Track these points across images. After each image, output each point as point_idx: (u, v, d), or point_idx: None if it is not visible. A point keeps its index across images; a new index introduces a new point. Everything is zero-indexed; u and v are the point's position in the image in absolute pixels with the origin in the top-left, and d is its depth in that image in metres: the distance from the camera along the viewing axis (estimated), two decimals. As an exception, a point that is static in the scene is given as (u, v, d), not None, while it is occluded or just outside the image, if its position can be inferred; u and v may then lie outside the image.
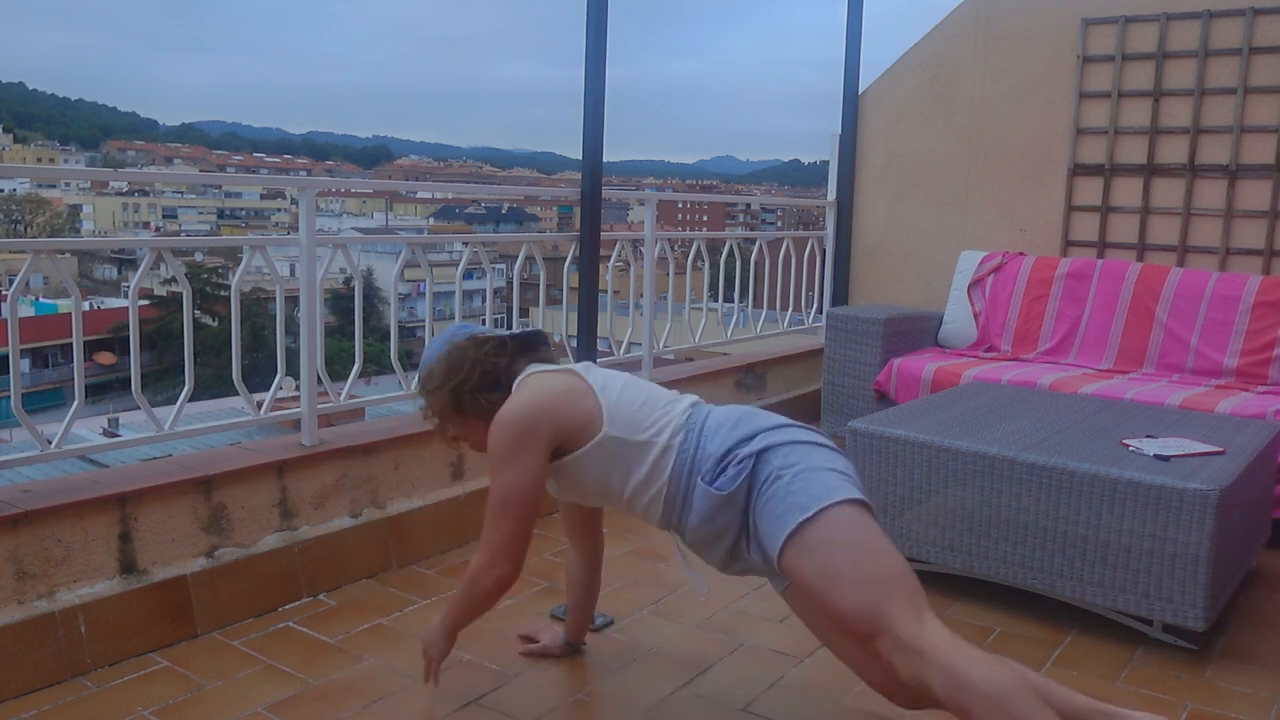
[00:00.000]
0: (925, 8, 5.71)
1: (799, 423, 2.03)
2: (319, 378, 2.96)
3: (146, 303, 26.88)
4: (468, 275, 3.62)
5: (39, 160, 63.03)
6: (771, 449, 1.90)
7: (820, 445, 1.95)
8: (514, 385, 2.08)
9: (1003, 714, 1.61)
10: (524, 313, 3.95)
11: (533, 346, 2.19)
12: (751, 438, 1.93)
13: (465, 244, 3.47)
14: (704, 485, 1.92)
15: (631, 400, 2.04)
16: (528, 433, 1.98)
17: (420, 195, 67.39)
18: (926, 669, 1.67)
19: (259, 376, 3.49)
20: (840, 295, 5.28)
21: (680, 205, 56.08)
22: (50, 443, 2.43)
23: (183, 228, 57.57)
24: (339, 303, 19.27)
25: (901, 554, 1.83)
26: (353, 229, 33.98)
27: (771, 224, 56.10)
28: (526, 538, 2.05)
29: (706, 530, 1.95)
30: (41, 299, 28.95)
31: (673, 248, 4.56)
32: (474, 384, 2.09)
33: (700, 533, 1.97)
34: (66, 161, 65.47)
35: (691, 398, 2.11)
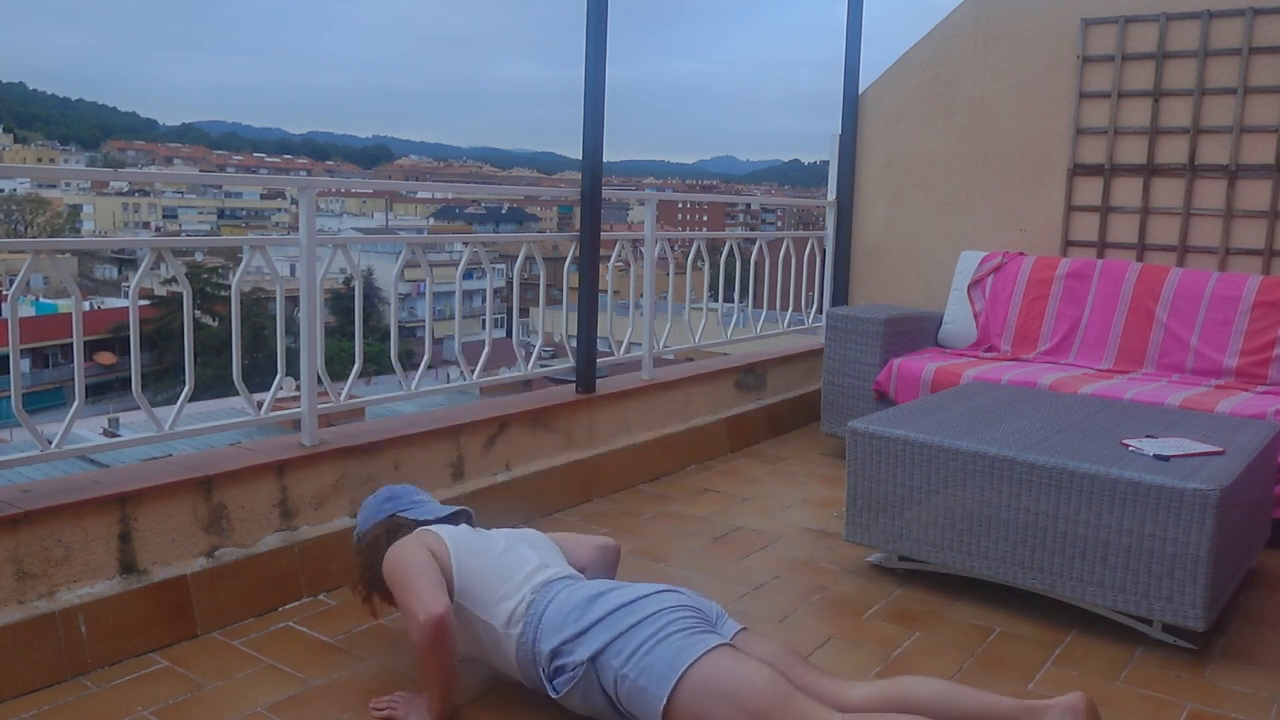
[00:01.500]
0: (925, 8, 5.72)
1: (633, 583, 2.14)
2: (319, 378, 2.96)
3: (146, 303, 26.88)
4: (468, 275, 3.62)
5: (39, 160, 63.02)
6: (605, 651, 1.99)
7: (654, 606, 2.01)
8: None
9: None
10: (524, 312, 3.96)
11: (449, 524, 2.39)
12: (584, 633, 2.03)
13: (465, 244, 3.47)
14: (545, 683, 2.07)
15: (484, 577, 2.18)
16: (410, 551, 2.20)
17: (420, 195, 67.38)
18: None
19: (259, 376, 3.49)
20: (840, 295, 5.28)
21: (680, 205, 56.06)
22: (50, 443, 2.43)
23: (183, 228, 57.58)
24: (339, 303, 19.27)
25: (760, 669, 1.88)
26: (353, 229, 33.98)
27: (771, 224, 56.09)
28: (429, 578, 2.13)
29: (576, 707, 2.07)
30: (41, 299, 28.93)
31: (673, 248, 4.56)
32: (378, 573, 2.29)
33: (574, 706, 2.08)
34: (66, 161, 65.47)
35: (546, 572, 2.19)
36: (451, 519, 2.42)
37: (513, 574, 2.18)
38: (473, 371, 3.47)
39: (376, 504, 2.44)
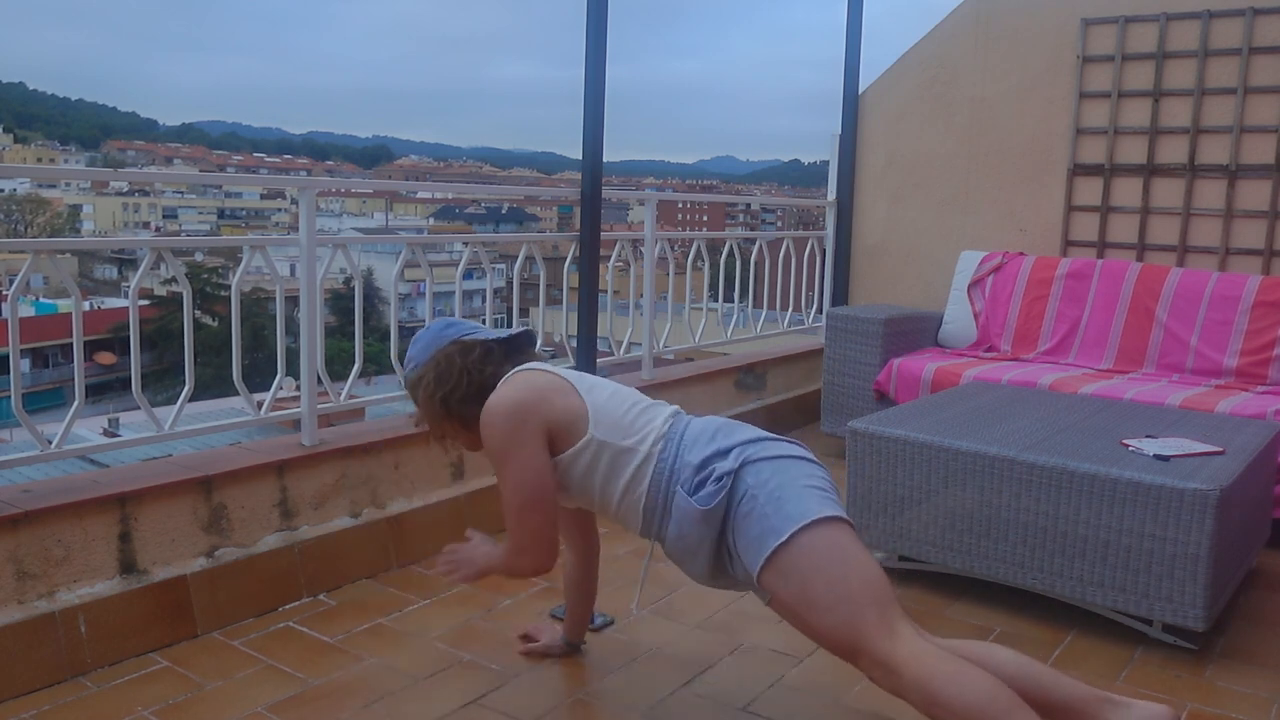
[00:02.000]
0: (925, 8, 5.72)
1: (778, 435, 2.01)
2: (319, 378, 2.96)
3: (146, 303, 26.88)
4: (468, 275, 3.62)
5: (39, 160, 63.03)
6: (747, 465, 1.88)
7: (797, 459, 1.93)
8: (500, 384, 2.07)
9: None
10: (524, 313, 3.95)
11: (519, 349, 2.18)
12: (728, 451, 1.91)
13: (465, 244, 3.47)
14: (683, 494, 1.91)
15: (617, 405, 2.04)
16: (519, 424, 1.97)
17: (420, 195, 67.39)
18: (902, 686, 1.69)
19: (259, 376, 3.49)
20: (840, 295, 5.28)
21: (680, 205, 56.07)
22: (50, 443, 2.44)
23: (183, 228, 57.59)
24: (339, 303, 19.27)
25: (876, 565, 1.82)
26: (353, 229, 33.99)
27: (771, 224, 56.10)
28: (554, 525, 2.02)
29: (684, 543, 1.93)
30: (41, 299, 28.93)
31: (673, 248, 4.56)
32: (462, 394, 2.08)
33: (678, 544, 1.95)
34: (66, 161, 65.46)
35: (672, 407, 2.10)
36: (514, 341, 2.19)
37: (644, 402, 2.07)
38: (473, 371, 3.47)
39: (433, 335, 2.17)
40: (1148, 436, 2.84)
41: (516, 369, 2.10)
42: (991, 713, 1.62)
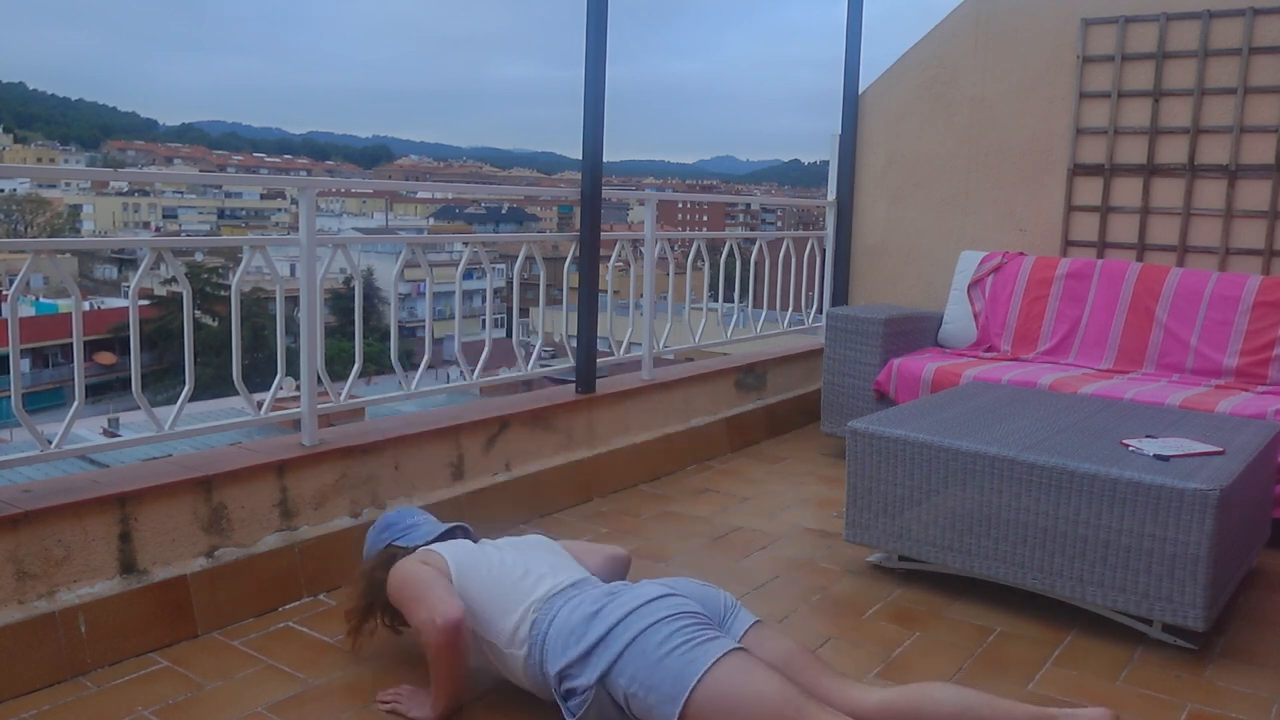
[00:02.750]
0: (925, 8, 5.72)
1: (626, 587, 2.09)
2: (319, 378, 2.96)
3: (146, 303, 26.87)
4: (468, 275, 3.61)
5: (39, 160, 63.01)
6: (611, 671, 1.94)
7: (656, 624, 1.94)
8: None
9: None
10: (524, 312, 3.96)
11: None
12: (589, 654, 1.97)
13: (465, 244, 3.47)
14: (561, 704, 2.02)
15: (485, 595, 2.15)
16: (414, 569, 2.20)
17: (420, 195, 67.38)
18: None
19: (259, 376, 3.49)
20: (840, 295, 5.28)
21: (680, 205, 56.05)
22: (50, 443, 2.43)
23: (183, 228, 57.57)
24: (339, 303, 19.26)
25: (766, 679, 1.83)
26: (353, 229, 33.98)
27: (771, 224, 56.09)
28: (440, 586, 2.14)
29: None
30: (41, 299, 28.93)
31: (673, 248, 4.56)
32: (385, 601, 2.30)
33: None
34: (66, 161, 65.47)
35: (547, 587, 2.14)
36: (448, 535, 2.42)
37: (513, 590, 2.14)
38: (473, 371, 3.47)
39: (374, 536, 2.45)
40: (1148, 436, 2.84)
41: (425, 549, 2.30)
42: None
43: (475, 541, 2.39)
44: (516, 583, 2.16)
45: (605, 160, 3.81)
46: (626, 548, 3.19)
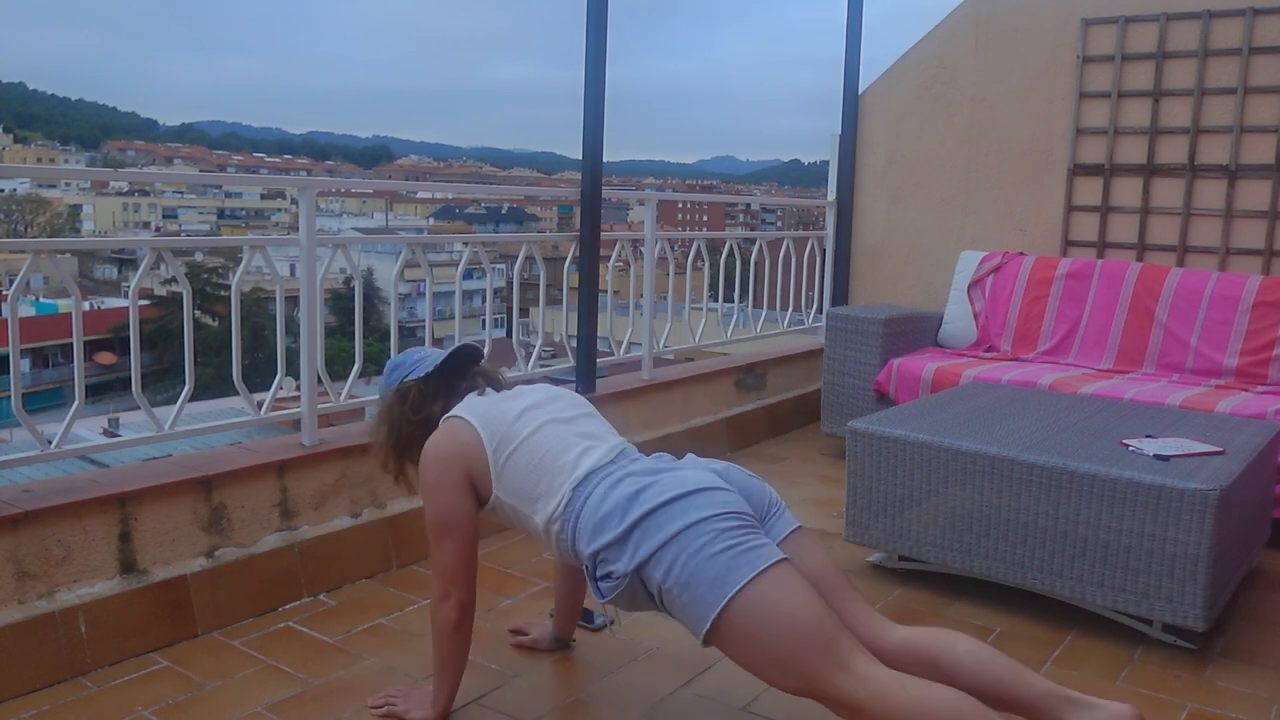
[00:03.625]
0: (925, 8, 5.72)
1: (676, 469, 2.00)
2: (319, 378, 2.96)
3: (146, 303, 26.87)
4: (468, 275, 3.62)
5: (39, 160, 63.00)
6: (648, 563, 1.82)
7: (698, 522, 1.82)
8: (439, 426, 2.14)
9: None
10: (524, 313, 3.96)
11: (458, 371, 2.26)
12: (625, 541, 1.85)
13: (465, 244, 3.47)
14: (591, 583, 1.95)
15: (524, 466, 2.04)
16: (443, 474, 2.07)
17: (420, 195, 67.37)
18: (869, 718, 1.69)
19: (259, 376, 3.49)
20: (840, 295, 5.28)
21: (680, 205, 56.05)
22: (50, 443, 2.44)
23: (183, 228, 57.56)
24: (339, 303, 19.25)
25: (811, 602, 1.76)
26: (353, 229, 33.98)
27: (771, 224, 56.07)
28: (471, 557, 2.08)
29: (628, 607, 1.94)
30: (41, 299, 28.92)
31: (673, 248, 4.56)
32: (405, 440, 2.21)
33: (623, 607, 1.97)
34: (66, 161, 65.44)
35: (588, 464, 2.01)
36: (455, 358, 2.26)
37: (553, 464, 2.02)
38: (473, 371, 3.47)
39: (385, 382, 2.29)
40: (1148, 436, 2.84)
41: (450, 414, 2.14)
42: None
43: (500, 389, 2.26)
44: (558, 455, 2.03)
45: (605, 160, 3.81)
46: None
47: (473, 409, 2.12)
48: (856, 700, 1.69)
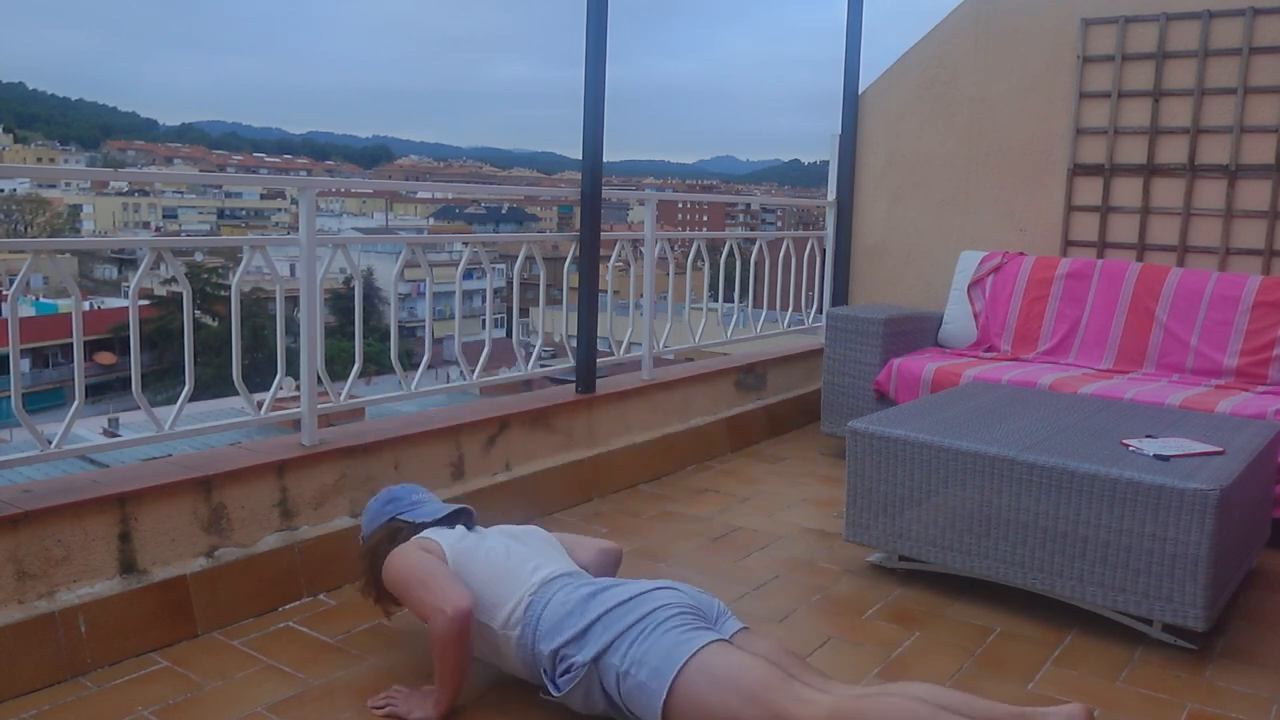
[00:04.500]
0: (925, 8, 5.72)
1: (623, 582, 2.14)
2: (319, 378, 2.96)
3: (146, 303, 26.87)
4: (468, 275, 3.61)
5: (39, 160, 63.00)
6: (606, 651, 2.01)
7: (648, 615, 2.01)
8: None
9: None
10: (524, 312, 3.96)
11: (448, 524, 2.40)
12: (584, 635, 2.04)
13: (465, 244, 3.47)
14: (547, 682, 2.09)
15: (478, 575, 2.19)
16: (407, 556, 2.24)
17: (420, 195, 67.36)
18: None
19: (259, 376, 3.49)
20: (840, 295, 5.28)
21: (680, 205, 56.06)
22: (50, 443, 2.43)
23: (183, 228, 57.54)
24: (339, 303, 19.25)
25: (753, 658, 1.93)
26: (353, 229, 33.98)
27: (771, 224, 56.06)
28: (447, 574, 2.18)
29: (583, 706, 2.08)
30: (41, 299, 28.93)
31: (673, 248, 4.56)
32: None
33: (578, 706, 2.09)
34: (66, 161, 65.45)
35: (544, 573, 2.19)
36: (451, 519, 2.42)
37: (510, 576, 2.19)
38: (473, 371, 3.47)
39: (378, 507, 2.46)
40: (1148, 436, 2.84)
41: (426, 533, 2.33)
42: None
43: (473, 529, 2.41)
44: (514, 568, 2.21)
45: (605, 160, 3.81)
46: (626, 548, 3.20)
47: (439, 533, 2.32)
48: None
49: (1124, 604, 2.55)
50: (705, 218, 58.66)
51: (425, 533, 2.33)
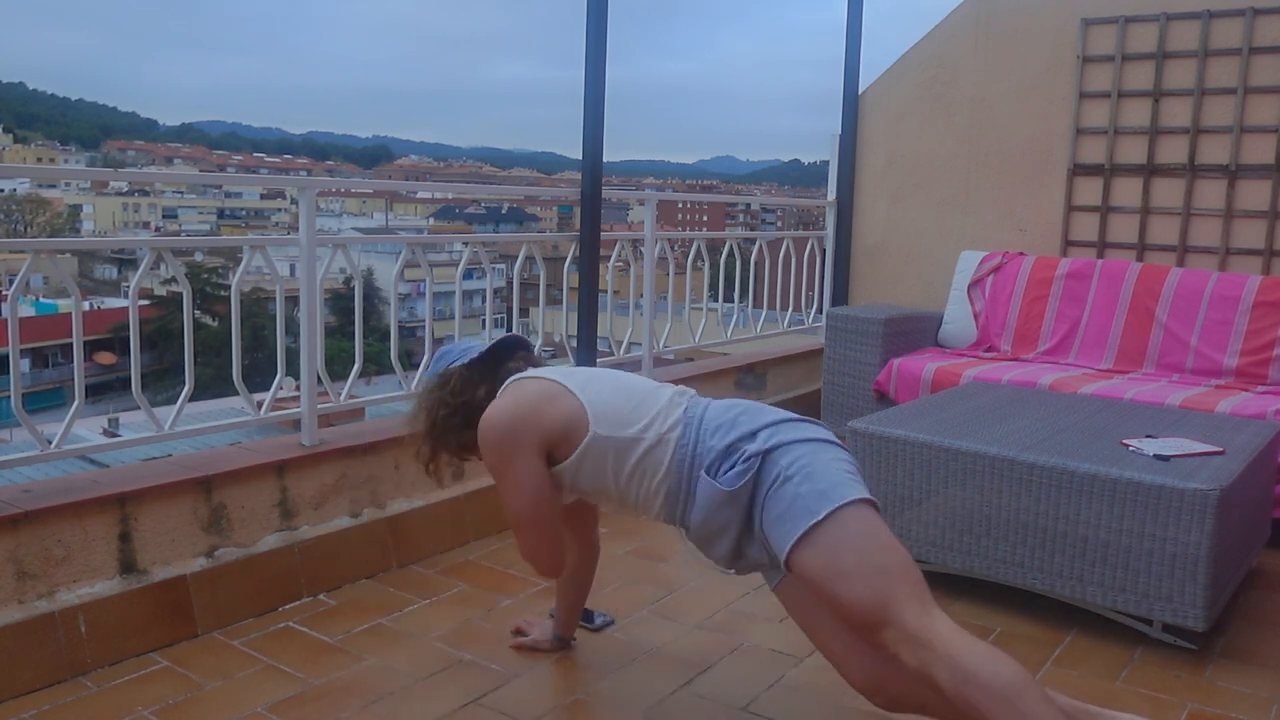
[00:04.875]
0: (925, 8, 5.72)
1: (801, 416, 2.01)
2: (319, 378, 2.96)
3: (146, 303, 26.86)
4: (468, 275, 3.61)
5: (39, 160, 62.96)
6: (778, 449, 1.87)
7: (825, 442, 1.92)
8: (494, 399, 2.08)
9: (1010, 709, 1.59)
10: (524, 313, 3.96)
11: (503, 357, 2.19)
12: (755, 433, 1.91)
13: (465, 244, 3.47)
14: (708, 479, 1.90)
15: (617, 397, 2.02)
16: (511, 440, 1.99)
17: (420, 195, 67.34)
18: (934, 661, 1.66)
19: (259, 376, 3.49)
20: (840, 295, 5.28)
21: (680, 205, 56.03)
22: (50, 443, 2.44)
23: (183, 228, 57.50)
24: (339, 303, 19.22)
25: (907, 552, 1.83)
26: (353, 229, 33.97)
27: (771, 224, 56.03)
28: (556, 539, 2.08)
29: (709, 527, 1.93)
30: (41, 299, 28.91)
31: (673, 248, 4.56)
32: (446, 426, 2.14)
33: (704, 529, 1.94)
34: (66, 161, 65.43)
35: (683, 390, 2.10)
36: (495, 354, 2.19)
37: (650, 389, 2.06)
38: (473, 371, 3.46)
39: (431, 369, 2.24)
40: (1148, 436, 2.84)
41: (509, 380, 2.10)
42: (1025, 698, 1.61)
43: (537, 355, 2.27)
44: (652, 391, 2.06)
45: (605, 160, 3.81)
46: (626, 547, 3.20)
47: (535, 373, 2.09)
48: (929, 634, 1.68)
49: (1124, 604, 2.55)
50: (705, 218, 58.63)
51: (517, 375, 2.09)
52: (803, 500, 1.80)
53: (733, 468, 1.88)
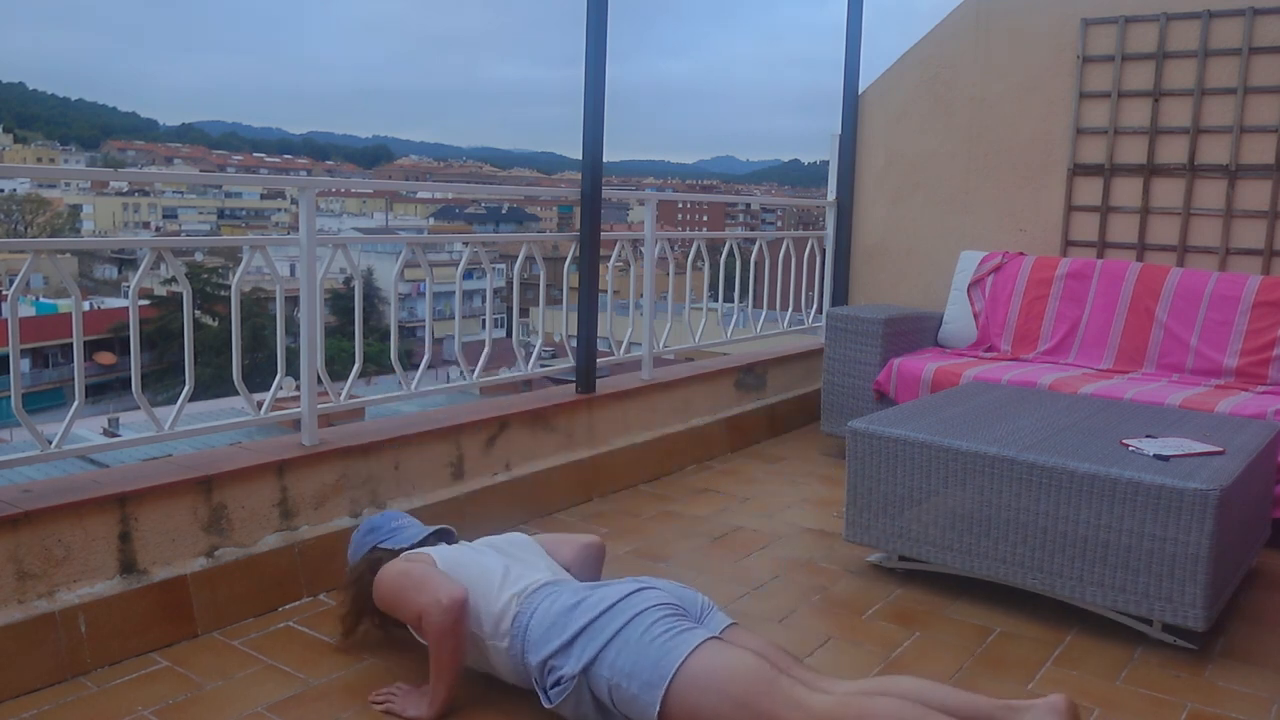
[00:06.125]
0: (925, 8, 5.72)
1: (608, 584, 2.15)
2: (319, 378, 2.96)
3: (146, 303, 26.87)
4: (468, 275, 3.62)
5: (39, 160, 62.96)
6: (595, 662, 2.01)
7: (637, 615, 2.02)
8: None
9: None
10: (524, 312, 3.96)
11: (428, 544, 2.42)
12: (570, 645, 2.05)
13: (465, 244, 3.47)
14: (541, 692, 2.08)
15: (469, 589, 2.18)
16: (407, 566, 2.25)
17: (420, 195, 67.29)
18: None
19: (259, 376, 3.49)
20: (840, 295, 5.28)
21: (680, 205, 56.02)
22: (50, 443, 2.43)
23: (183, 228, 57.49)
24: (339, 303, 19.26)
25: (745, 658, 1.93)
26: (353, 229, 33.95)
27: (771, 224, 56.04)
28: (436, 574, 2.20)
29: (574, 715, 2.07)
30: (41, 299, 28.92)
31: (673, 248, 4.56)
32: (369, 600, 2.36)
33: (569, 715, 2.09)
34: (66, 161, 65.44)
35: (526, 582, 2.20)
36: (431, 539, 2.45)
37: (497, 586, 2.20)
38: (473, 371, 3.47)
39: (359, 539, 2.49)
40: (1148, 436, 2.84)
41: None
42: None
43: (454, 545, 2.43)
44: (499, 578, 2.21)
45: (605, 160, 3.81)
46: (626, 547, 3.20)
47: (423, 549, 2.35)
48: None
49: (1124, 604, 2.55)
50: (705, 218, 58.59)
51: (411, 550, 2.36)
52: (640, 700, 1.94)
53: (556, 684, 2.05)
